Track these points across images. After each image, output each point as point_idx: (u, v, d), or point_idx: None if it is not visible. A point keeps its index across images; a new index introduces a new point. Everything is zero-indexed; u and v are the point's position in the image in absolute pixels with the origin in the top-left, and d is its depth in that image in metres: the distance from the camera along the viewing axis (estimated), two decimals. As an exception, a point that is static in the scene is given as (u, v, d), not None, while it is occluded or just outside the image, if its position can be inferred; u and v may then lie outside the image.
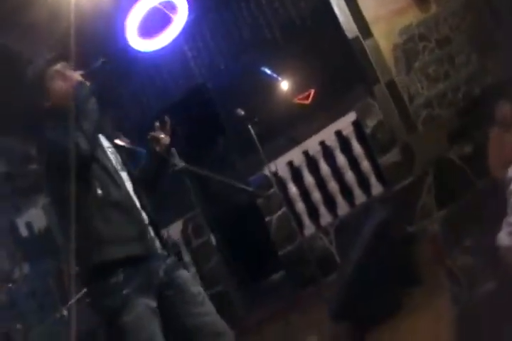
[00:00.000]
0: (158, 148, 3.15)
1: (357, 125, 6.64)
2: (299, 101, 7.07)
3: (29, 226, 7.07)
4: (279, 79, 7.27)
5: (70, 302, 4.99)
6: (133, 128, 6.94)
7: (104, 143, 3.00)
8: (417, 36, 6.31)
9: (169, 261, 2.94)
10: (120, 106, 7.49)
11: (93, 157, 2.81)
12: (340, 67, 6.59)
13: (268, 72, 7.23)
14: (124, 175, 2.96)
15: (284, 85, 7.33)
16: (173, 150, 3.23)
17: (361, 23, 6.46)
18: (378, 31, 6.42)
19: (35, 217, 7.15)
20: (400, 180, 6.25)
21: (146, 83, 7.63)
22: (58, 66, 2.98)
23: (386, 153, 6.44)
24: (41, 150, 2.84)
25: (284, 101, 7.25)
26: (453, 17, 6.16)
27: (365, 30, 6.45)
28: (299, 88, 7.05)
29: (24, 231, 7.03)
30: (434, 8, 6.25)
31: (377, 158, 6.53)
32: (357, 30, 6.49)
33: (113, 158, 2.97)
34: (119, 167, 2.96)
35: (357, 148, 6.62)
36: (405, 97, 6.31)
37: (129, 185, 2.94)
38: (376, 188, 6.55)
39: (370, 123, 6.55)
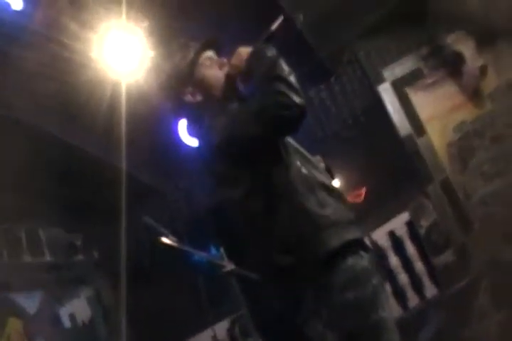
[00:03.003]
0: None
1: (410, 225, 6.42)
2: (351, 200, 6.87)
3: (72, 317, 6.85)
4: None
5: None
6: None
7: None
8: (471, 133, 6.14)
9: None
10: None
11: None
12: (393, 166, 6.46)
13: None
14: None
15: (336, 183, 7.17)
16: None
17: (414, 120, 6.40)
18: (432, 129, 6.32)
19: (78, 308, 6.96)
20: (455, 281, 5.91)
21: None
22: (209, 53, 2.66)
23: (440, 253, 6.16)
24: (218, 143, 2.42)
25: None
26: (508, 114, 5.97)
27: (419, 128, 6.37)
28: (351, 186, 6.89)
29: (67, 323, 6.77)
30: (488, 105, 6.11)
31: (431, 259, 6.24)
32: (410, 127, 6.41)
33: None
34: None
35: (410, 248, 6.37)
36: (461, 196, 6.08)
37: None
38: (430, 290, 6.23)
39: (424, 223, 6.32)
